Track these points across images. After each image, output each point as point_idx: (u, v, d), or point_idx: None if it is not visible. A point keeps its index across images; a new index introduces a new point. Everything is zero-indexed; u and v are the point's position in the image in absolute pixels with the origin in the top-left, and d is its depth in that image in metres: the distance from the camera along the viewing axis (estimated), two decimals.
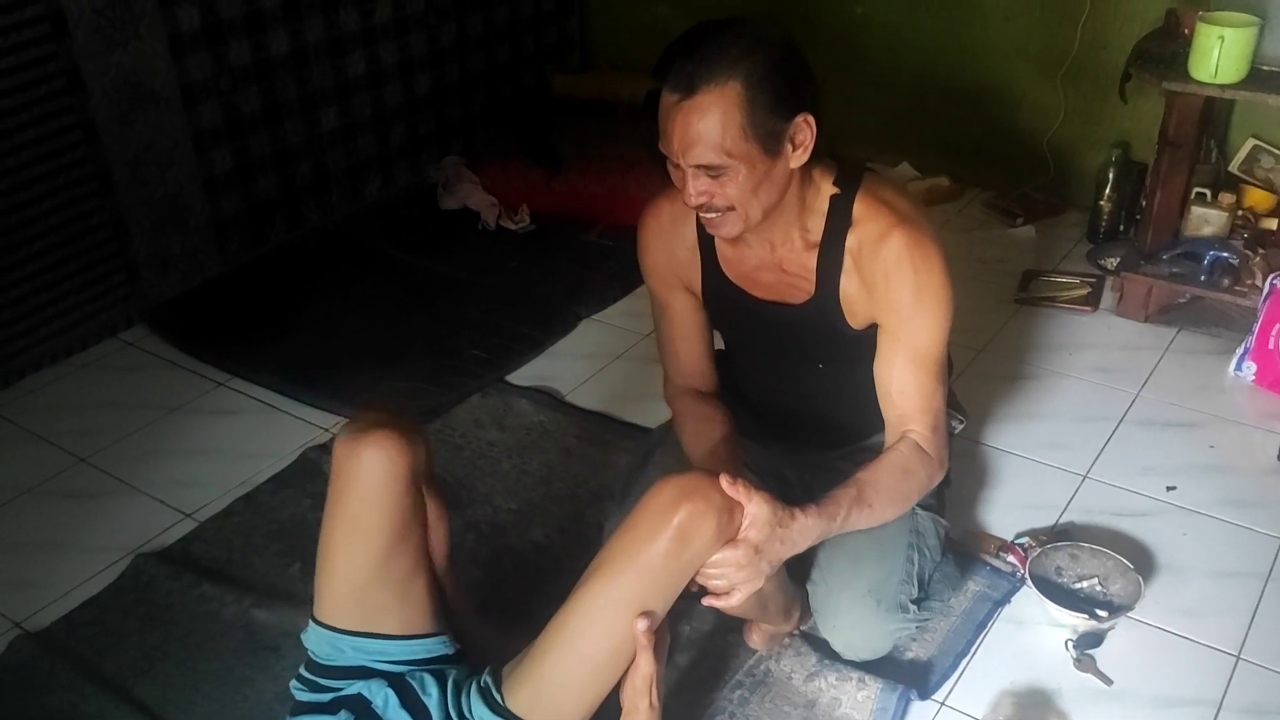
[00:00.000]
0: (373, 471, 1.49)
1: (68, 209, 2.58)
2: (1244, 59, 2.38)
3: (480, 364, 2.58)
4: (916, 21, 3.32)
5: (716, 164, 1.50)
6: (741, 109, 1.46)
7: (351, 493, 1.50)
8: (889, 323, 1.65)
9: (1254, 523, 2.10)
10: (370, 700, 1.48)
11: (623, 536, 1.43)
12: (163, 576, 1.97)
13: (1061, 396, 2.48)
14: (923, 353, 1.65)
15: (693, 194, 1.54)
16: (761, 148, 1.50)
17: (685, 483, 1.42)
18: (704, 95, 1.46)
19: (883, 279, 1.62)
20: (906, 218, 1.62)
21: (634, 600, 1.41)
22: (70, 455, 2.32)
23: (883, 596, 1.70)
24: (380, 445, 1.49)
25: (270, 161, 3.03)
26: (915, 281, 1.61)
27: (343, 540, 1.51)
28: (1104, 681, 1.77)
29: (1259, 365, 2.48)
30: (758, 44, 1.48)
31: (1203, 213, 2.70)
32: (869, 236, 1.62)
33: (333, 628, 1.52)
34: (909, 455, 1.66)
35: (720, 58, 1.46)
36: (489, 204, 3.23)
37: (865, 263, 1.63)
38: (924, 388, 1.65)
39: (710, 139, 1.48)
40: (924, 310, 1.62)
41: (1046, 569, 1.95)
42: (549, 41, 3.85)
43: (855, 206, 1.63)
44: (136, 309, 2.77)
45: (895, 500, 1.65)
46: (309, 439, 2.36)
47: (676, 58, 1.49)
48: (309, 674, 1.55)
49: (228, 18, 2.81)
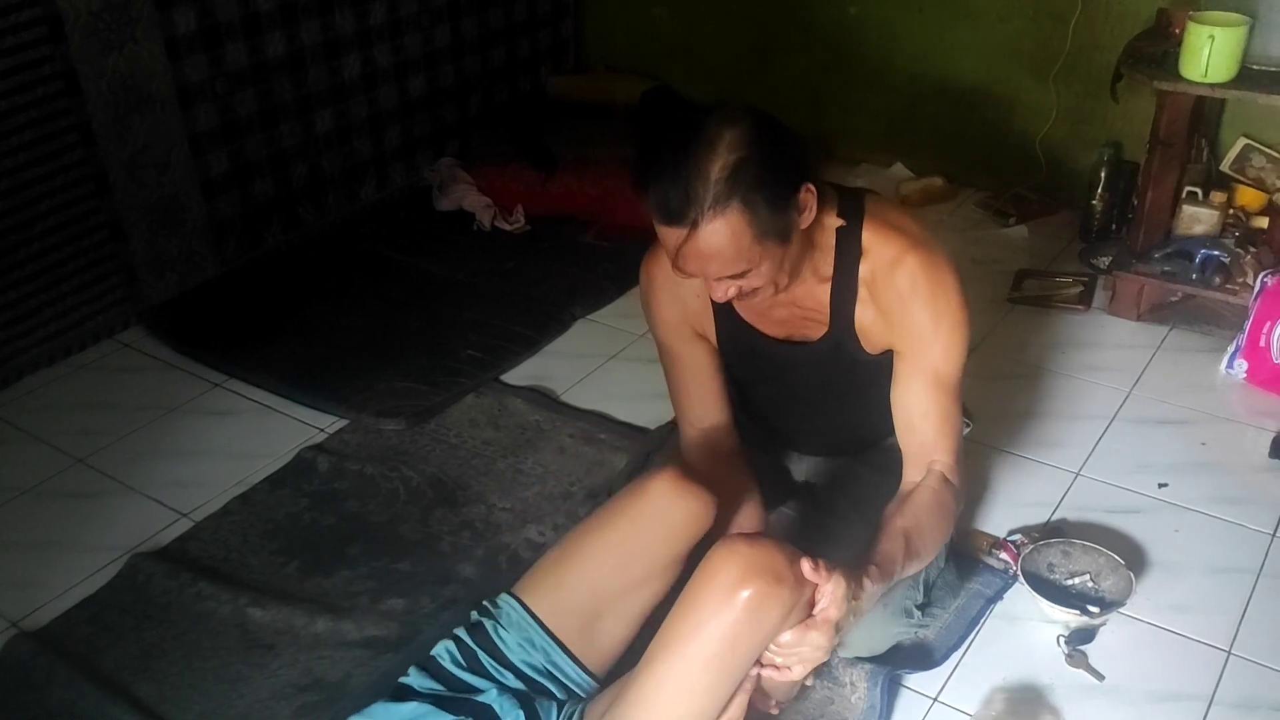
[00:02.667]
0: (684, 519, 1.50)
1: (65, 211, 2.59)
2: (1234, 58, 2.39)
3: (475, 363, 2.59)
4: (909, 22, 3.33)
5: (736, 273, 1.48)
6: (748, 224, 1.43)
7: (653, 524, 1.51)
8: (907, 348, 1.63)
9: (1245, 519, 2.12)
10: (500, 716, 1.47)
11: (690, 611, 1.38)
12: (160, 575, 1.97)
13: (1054, 395, 2.49)
14: (943, 376, 1.63)
15: (722, 296, 1.52)
16: (776, 241, 1.47)
17: (750, 557, 1.37)
18: (707, 225, 1.41)
19: (899, 305, 1.61)
20: (918, 241, 1.61)
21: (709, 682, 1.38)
22: (68, 456, 2.33)
23: (889, 600, 1.69)
24: (701, 501, 1.51)
25: (267, 163, 3.04)
26: (932, 305, 1.60)
27: (616, 559, 1.51)
28: (1096, 677, 1.78)
29: (1250, 363, 2.49)
30: (739, 150, 1.41)
31: (1194, 211, 2.72)
32: (882, 263, 1.60)
33: (542, 623, 1.51)
34: (941, 490, 1.64)
35: (710, 183, 1.40)
36: (484, 205, 3.24)
37: (880, 290, 1.62)
38: (945, 410, 1.64)
39: (725, 258, 1.45)
40: (942, 333, 1.61)
41: (1039, 566, 1.96)
42: (544, 44, 3.86)
43: (864, 235, 1.61)
44: (133, 310, 2.78)
45: (936, 541, 1.65)
46: (305, 439, 2.37)
47: (667, 187, 1.42)
48: (475, 645, 1.52)
49: (224, 20, 2.82)
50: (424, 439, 2.36)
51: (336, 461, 2.27)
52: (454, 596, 1.92)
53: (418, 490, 2.19)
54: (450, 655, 1.53)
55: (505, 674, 1.51)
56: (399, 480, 2.22)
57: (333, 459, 2.27)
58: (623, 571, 1.51)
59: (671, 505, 1.51)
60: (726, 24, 3.66)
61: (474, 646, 1.52)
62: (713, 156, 1.40)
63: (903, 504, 1.63)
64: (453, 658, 1.53)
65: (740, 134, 1.42)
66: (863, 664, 1.75)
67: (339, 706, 1.69)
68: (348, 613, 1.89)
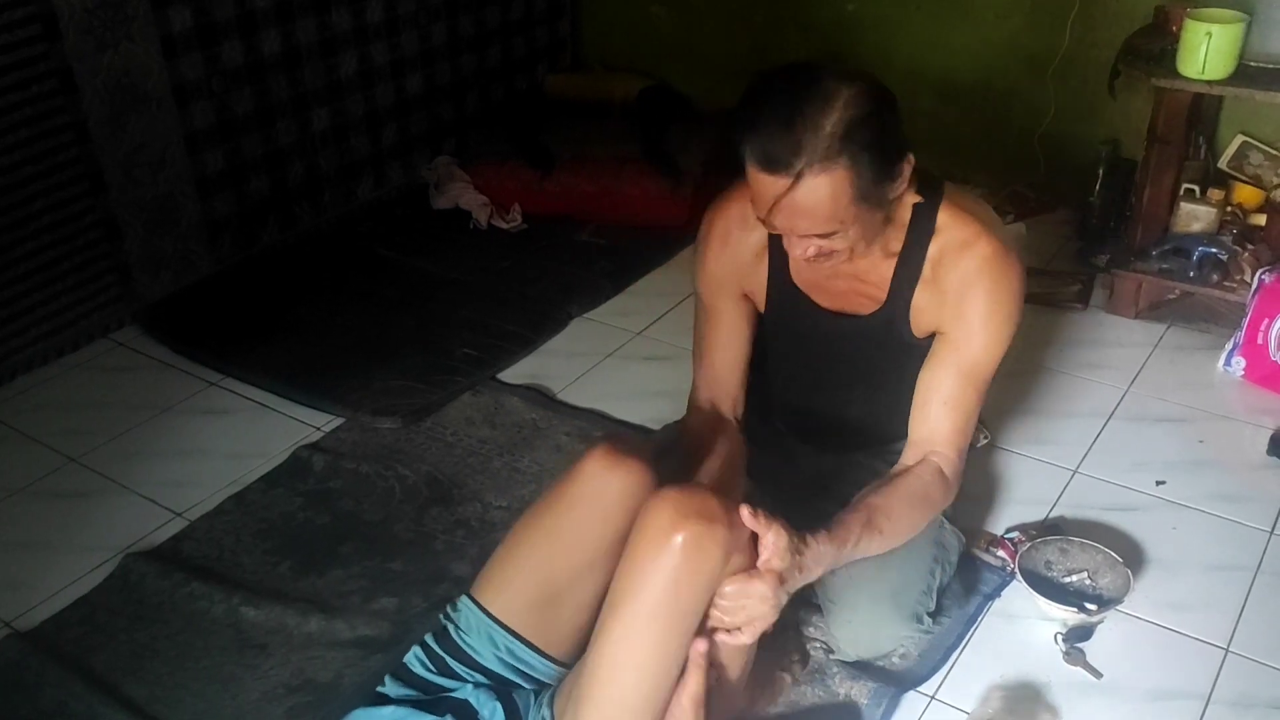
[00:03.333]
0: (620, 496, 1.49)
1: (60, 209, 2.58)
2: (1231, 55, 2.39)
3: (472, 362, 2.58)
4: (907, 19, 3.33)
5: (826, 231, 1.47)
6: (851, 183, 1.42)
7: (590, 506, 1.49)
8: (954, 332, 1.63)
9: (1243, 517, 2.11)
10: (478, 710, 1.46)
11: (630, 567, 1.39)
12: (152, 575, 1.96)
13: (1052, 392, 2.48)
14: (978, 368, 1.63)
15: (800, 254, 1.52)
16: (871, 206, 1.48)
17: (681, 501, 1.38)
18: (812, 179, 1.40)
19: (960, 287, 1.60)
20: (991, 228, 1.61)
21: (658, 633, 1.38)
22: (61, 455, 2.32)
23: (902, 603, 1.70)
24: (634, 474, 1.50)
25: (262, 162, 3.03)
26: (992, 294, 1.59)
27: (560, 546, 1.50)
28: (1093, 675, 1.78)
29: (1248, 360, 2.49)
30: (854, 108, 1.41)
31: (1192, 209, 2.71)
32: (952, 243, 1.60)
33: (500, 622, 1.50)
34: (930, 482, 1.64)
35: (821, 136, 1.39)
36: (481, 203, 3.24)
37: (945, 270, 1.61)
38: (967, 404, 1.64)
39: (820, 215, 1.44)
40: (993, 326, 1.61)
41: (1036, 563, 1.95)
42: (541, 42, 3.85)
43: (940, 214, 1.61)
44: (128, 309, 2.77)
45: (906, 528, 1.63)
46: (300, 438, 2.36)
47: (775, 136, 1.40)
48: (441, 651, 1.52)
49: (220, 19, 2.81)
50: (420, 437, 2.35)
51: (332, 460, 2.26)
52: (446, 595, 1.91)
53: (413, 489, 2.19)
54: (421, 662, 1.54)
55: (475, 674, 1.51)
56: (394, 479, 2.21)
57: (328, 458, 2.26)
58: (569, 556, 1.51)
59: (605, 484, 1.50)
60: (724, 22, 3.65)
61: (441, 653, 1.53)
62: (828, 110, 1.39)
63: (883, 483, 1.62)
64: (423, 664, 1.54)
65: (857, 93, 1.42)
66: (864, 681, 1.74)
67: (330, 707, 1.68)
68: (340, 612, 1.88)
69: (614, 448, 1.52)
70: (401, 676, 1.54)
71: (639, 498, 1.48)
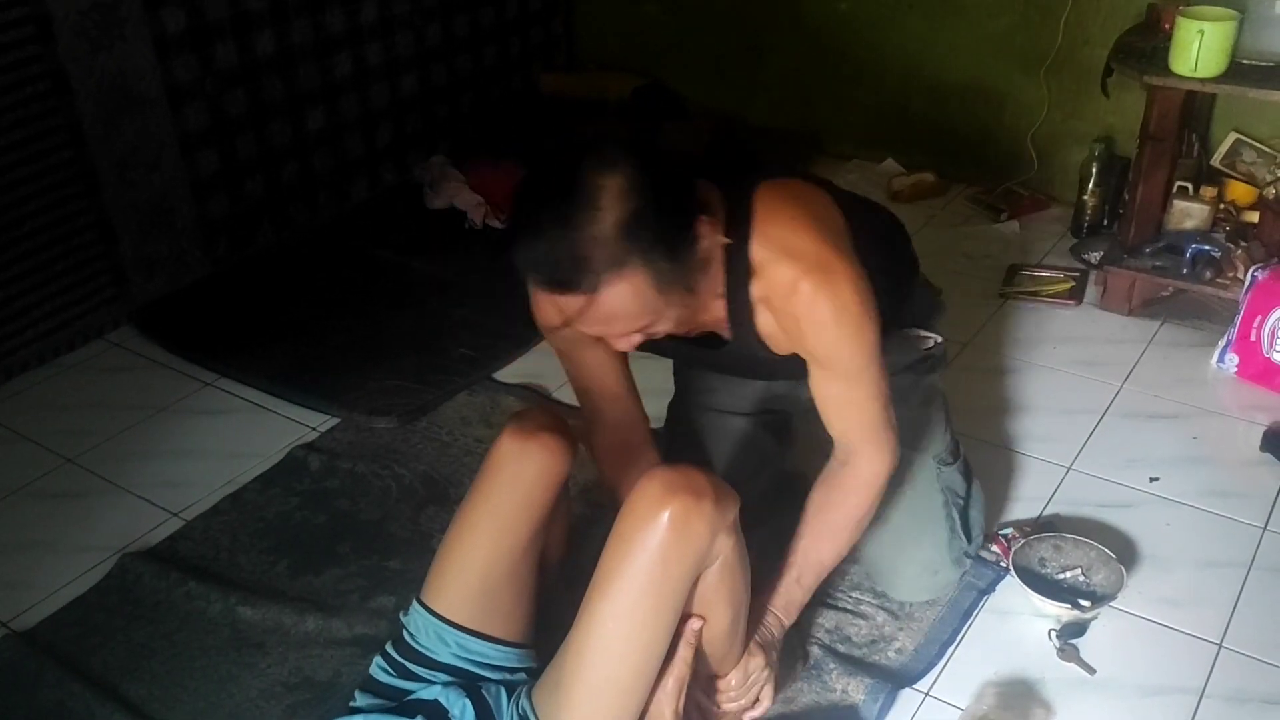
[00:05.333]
0: (538, 473, 1.51)
1: (54, 211, 2.58)
2: (1224, 52, 2.39)
3: (467, 362, 2.59)
4: (900, 18, 3.33)
5: (640, 327, 1.38)
6: (651, 278, 1.31)
7: (510, 490, 1.51)
8: (813, 359, 1.57)
9: (1236, 513, 2.12)
10: (448, 709, 1.47)
11: (617, 544, 1.39)
12: (149, 575, 1.97)
13: (1046, 390, 2.49)
14: (853, 373, 1.56)
15: (625, 347, 1.45)
16: (680, 286, 1.36)
17: (669, 478, 1.38)
18: (606, 290, 1.29)
19: (797, 324, 1.51)
20: (811, 266, 1.46)
21: (647, 609, 1.38)
22: (57, 456, 2.32)
23: (941, 564, 1.84)
24: (548, 448, 1.51)
25: (257, 163, 3.03)
26: (835, 320, 1.49)
27: (487, 535, 1.51)
28: (1087, 671, 1.78)
29: (1241, 357, 2.49)
30: (626, 201, 1.27)
31: (1185, 206, 2.72)
32: (776, 288, 1.49)
33: (446, 619, 1.52)
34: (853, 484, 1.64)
35: (602, 246, 1.27)
36: (476, 203, 3.24)
37: (777, 311, 1.52)
38: (858, 400, 1.58)
39: (630, 314, 1.35)
40: (847, 341, 1.52)
41: (1030, 560, 1.96)
42: (536, 41, 3.85)
43: (753, 252, 1.48)
44: (124, 310, 2.77)
45: (845, 536, 1.68)
46: (296, 438, 2.36)
47: (548, 259, 1.29)
48: (400, 657, 1.54)
49: (213, 19, 2.81)
50: (416, 437, 2.35)
51: (328, 460, 2.26)
52: None
53: (409, 488, 2.19)
54: (383, 669, 1.56)
55: (436, 674, 1.52)
56: (391, 478, 2.21)
57: (324, 457, 2.27)
58: (500, 542, 1.52)
59: (522, 466, 1.51)
60: (717, 21, 3.65)
61: (400, 659, 1.54)
62: (600, 215, 1.27)
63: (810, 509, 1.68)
64: (385, 671, 1.55)
65: (623, 182, 1.28)
66: (860, 677, 1.75)
67: (328, 705, 1.69)
68: (337, 611, 1.89)
69: (523, 427, 1.53)
70: (370, 688, 1.56)
71: (558, 469, 1.52)
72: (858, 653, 1.83)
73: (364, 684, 1.57)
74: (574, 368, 1.73)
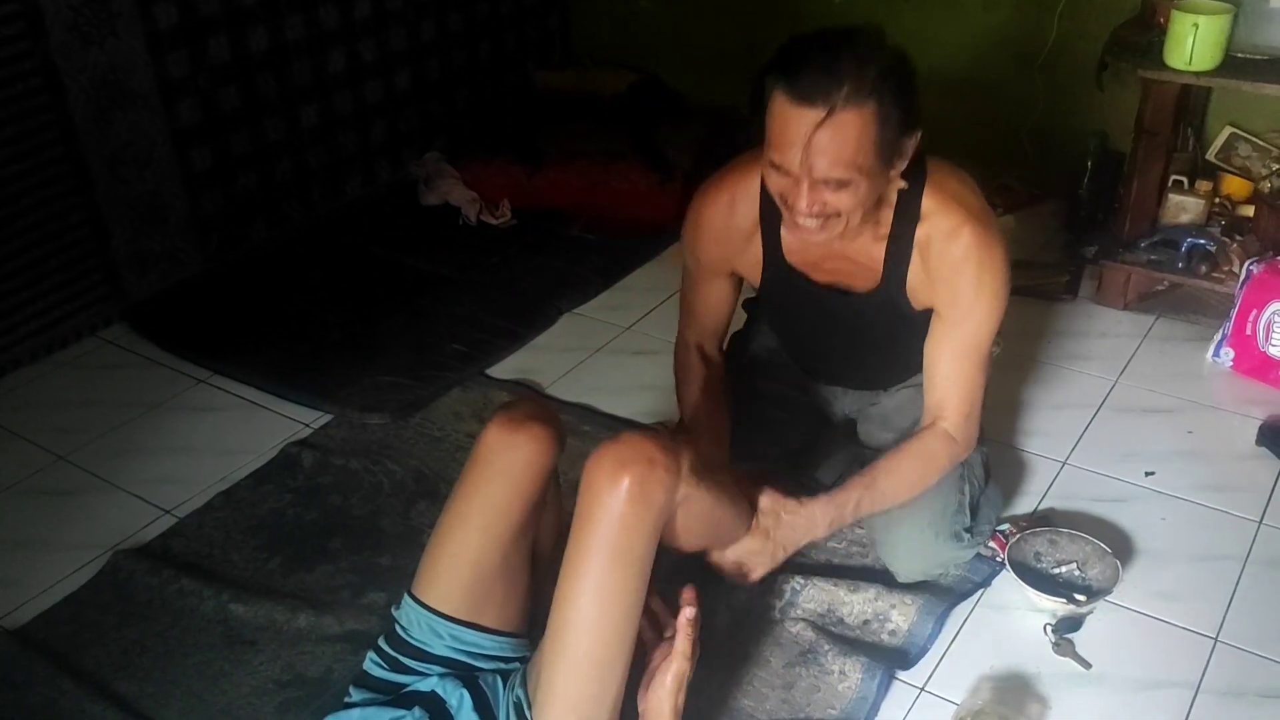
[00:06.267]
0: (527, 462, 1.51)
1: (46, 207, 2.57)
2: (1218, 46, 2.39)
3: (460, 358, 2.58)
4: (895, 13, 3.32)
5: (844, 179, 1.52)
6: (878, 128, 1.49)
7: (499, 480, 1.52)
8: (947, 313, 1.73)
9: (1232, 507, 2.11)
10: (445, 700, 1.47)
11: (578, 526, 1.42)
12: (141, 572, 1.96)
13: (1041, 384, 2.49)
14: (972, 344, 1.74)
15: (806, 205, 1.55)
16: (884, 163, 1.54)
17: (619, 450, 1.43)
18: (845, 114, 1.47)
19: (948, 273, 1.69)
20: (975, 215, 1.68)
21: (615, 581, 1.40)
22: (49, 453, 2.31)
23: (941, 529, 1.84)
24: (536, 437, 1.52)
25: (250, 159, 3.03)
26: (979, 278, 1.68)
27: (478, 525, 1.52)
28: (1083, 665, 1.78)
29: (1236, 351, 2.49)
30: (890, 60, 1.51)
31: (1180, 200, 2.71)
32: (939, 231, 1.68)
33: (437, 611, 1.52)
34: (935, 445, 1.80)
35: (861, 76, 1.47)
36: (470, 199, 3.23)
37: (933, 256, 1.69)
38: (967, 375, 1.77)
39: (844, 156, 1.50)
40: (981, 306, 1.70)
41: (1026, 555, 1.95)
42: (531, 37, 3.85)
43: (924, 201, 1.68)
44: (116, 307, 2.77)
45: (909, 487, 1.81)
46: (289, 435, 2.35)
47: (815, 71, 1.48)
48: (393, 651, 1.54)
49: (206, 15, 2.80)
50: (408, 433, 2.35)
51: (321, 456, 2.25)
52: None
53: (401, 484, 2.18)
54: (377, 664, 1.55)
55: (430, 666, 1.52)
56: (383, 474, 2.20)
57: (317, 454, 2.26)
58: (489, 533, 1.52)
59: (511, 456, 1.52)
60: (714, 16, 3.65)
61: (393, 653, 1.54)
62: (867, 55, 1.49)
63: (891, 452, 1.82)
64: (379, 666, 1.55)
65: (893, 51, 1.52)
66: (856, 656, 1.75)
67: (320, 702, 1.68)
68: (329, 607, 1.88)
69: (511, 417, 1.54)
70: (364, 684, 1.55)
71: (547, 458, 1.53)
72: (852, 634, 1.83)
73: (358, 679, 1.57)
74: (694, 286, 1.93)
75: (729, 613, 1.83)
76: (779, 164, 1.54)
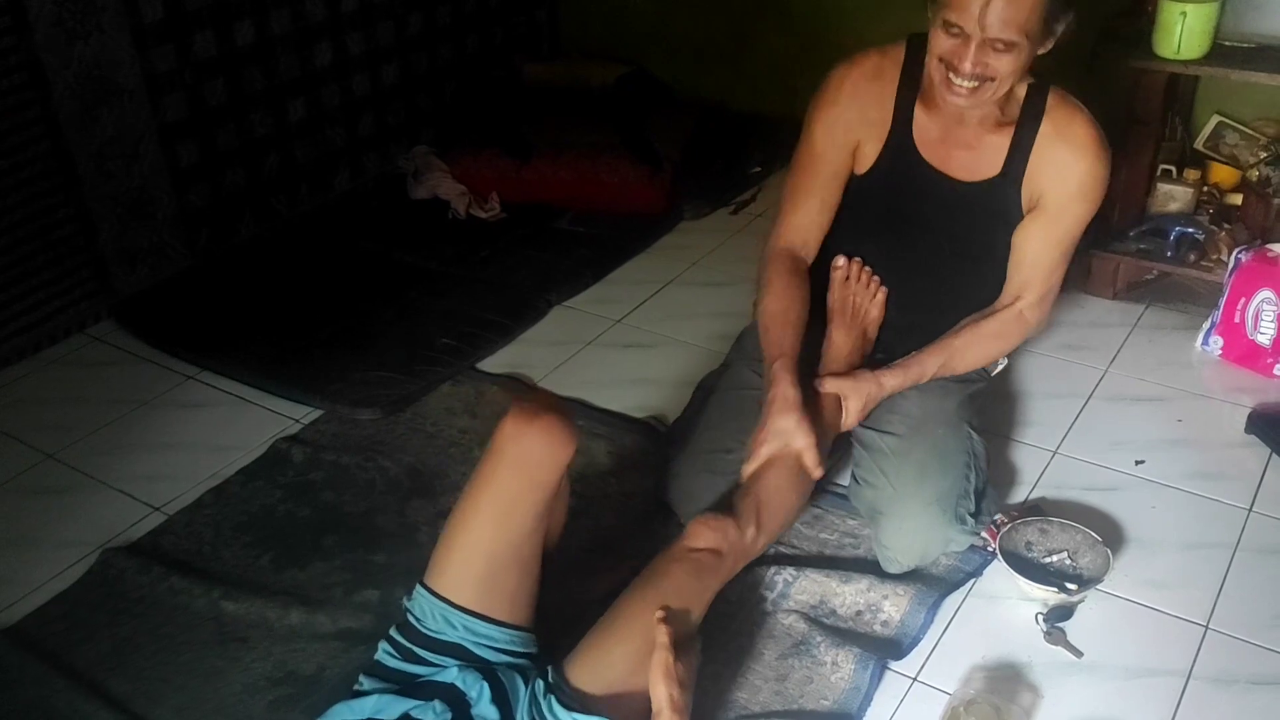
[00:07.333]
0: (543, 456, 1.53)
1: (32, 204, 2.55)
2: (1206, 35, 2.39)
3: (451, 352, 2.57)
4: (885, 5, 3.29)
5: (1012, 41, 1.69)
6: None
7: (516, 472, 1.53)
8: (1051, 202, 1.90)
9: (1222, 495, 2.12)
10: (465, 692, 1.47)
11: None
12: (132, 570, 1.95)
13: (1031, 373, 2.49)
14: (1064, 236, 1.93)
15: (971, 65, 1.72)
16: (1045, 33, 1.73)
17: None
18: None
19: (1063, 163, 1.87)
20: (1093, 122, 1.89)
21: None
22: (38, 451, 2.30)
23: (946, 507, 1.87)
24: (552, 431, 1.53)
25: (238, 154, 3.01)
26: (1089, 173, 1.88)
27: (493, 517, 1.53)
28: (1074, 654, 1.79)
29: (1225, 339, 2.50)
30: None
31: (1168, 189, 2.72)
32: (1060, 124, 1.88)
33: (450, 601, 1.52)
34: (1008, 321, 1.98)
35: None
36: (459, 193, 3.22)
37: (1053, 147, 1.87)
38: (1053, 263, 1.96)
39: (1018, 18, 1.68)
40: (1082, 200, 1.90)
41: (1016, 544, 1.96)
42: (519, 30, 3.83)
43: (1049, 97, 1.89)
44: (104, 304, 2.75)
45: (982, 358, 2.03)
46: (279, 430, 2.35)
47: None
48: (405, 640, 1.54)
49: (192, 9, 2.78)
50: (400, 428, 2.34)
51: (311, 452, 2.25)
52: None
53: (394, 480, 2.18)
54: (390, 655, 1.55)
55: (443, 657, 1.52)
56: (375, 470, 2.20)
57: (308, 450, 2.25)
58: (504, 525, 1.53)
59: (527, 448, 1.53)
60: (702, 6, 3.64)
61: (406, 643, 1.54)
62: None
63: (969, 323, 1.99)
64: (392, 656, 1.55)
65: None
66: (849, 647, 1.75)
67: (312, 699, 1.68)
68: (322, 605, 1.88)
69: (527, 410, 1.55)
70: (376, 673, 1.55)
71: (561, 452, 1.53)
72: (844, 625, 1.83)
73: (369, 669, 1.56)
74: (811, 162, 2.00)
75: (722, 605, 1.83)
76: (954, 22, 1.71)
